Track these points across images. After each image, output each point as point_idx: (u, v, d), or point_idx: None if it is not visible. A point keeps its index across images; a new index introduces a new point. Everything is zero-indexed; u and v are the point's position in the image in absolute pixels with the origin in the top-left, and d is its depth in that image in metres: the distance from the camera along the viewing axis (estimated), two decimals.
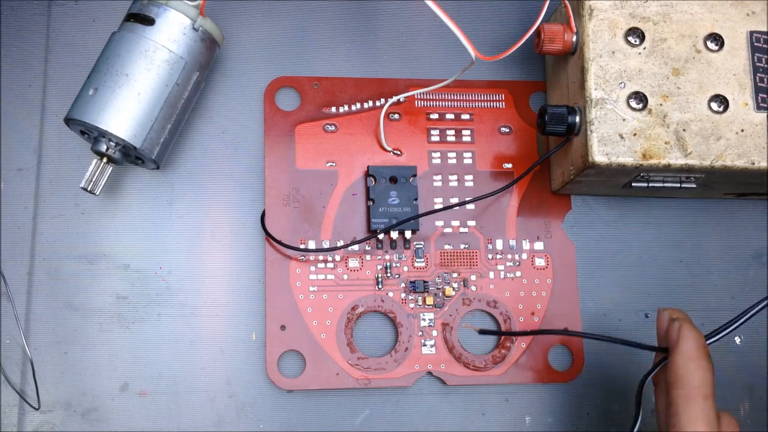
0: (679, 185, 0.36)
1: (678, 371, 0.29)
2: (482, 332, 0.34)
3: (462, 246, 0.39)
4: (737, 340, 0.40)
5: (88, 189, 0.35)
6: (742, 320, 0.30)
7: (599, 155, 0.34)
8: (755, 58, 0.35)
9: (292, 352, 0.37)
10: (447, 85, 0.38)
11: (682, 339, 0.29)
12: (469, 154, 0.40)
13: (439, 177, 0.39)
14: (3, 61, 0.39)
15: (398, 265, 0.38)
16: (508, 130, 0.40)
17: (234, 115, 0.40)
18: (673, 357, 0.29)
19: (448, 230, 0.39)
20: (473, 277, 0.38)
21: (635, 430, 0.31)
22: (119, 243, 0.38)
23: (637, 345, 0.31)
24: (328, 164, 0.39)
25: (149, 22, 0.35)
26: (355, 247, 0.38)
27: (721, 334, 0.31)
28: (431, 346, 0.37)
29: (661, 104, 0.35)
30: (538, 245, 0.39)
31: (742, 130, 0.35)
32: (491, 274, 0.39)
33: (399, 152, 0.39)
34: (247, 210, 0.39)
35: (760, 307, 0.30)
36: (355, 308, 0.37)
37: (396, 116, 0.40)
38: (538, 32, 0.36)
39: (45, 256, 0.37)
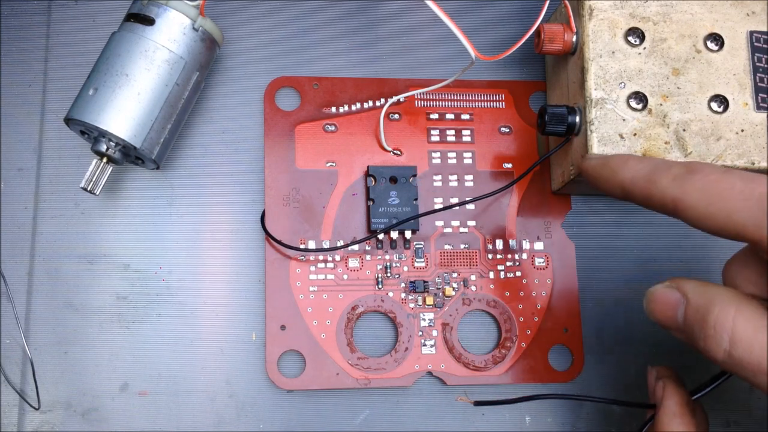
0: None
1: (663, 428, 0.30)
2: (478, 404, 0.35)
3: (462, 246, 0.39)
4: None
5: (88, 189, 0.35)
6: (727, 376, 0.31)
7: None
8: (755, 58, 0.35)
9: (292, 352, 0.37)
10: (447, 85, 0.38)
11: (666, 397, 0.30)
12: (469, 154, 0.40)
13: (439, 177, 0.39)
14: (3, 61, 0.39)
15: (398, 265, 0.38)
16: (508, 130, 0.40)
17: (234, 115, 0.40)
18: (659, 415, 0.31)
19: (448, 230, 0.39)
20: (473, 277, 0.38)
21: None
22: (119, 243, 0.38)
23: (628, 404, 0.33)
24: (328, 164, 0.39)
25: (149, 22, 0.35)
26: (355, 247, 0.38)
27: (705, 390, 0.31)
28: (431, 346, 0.37)
29: (661, 104, 0.35)
30: (538, 245, 0.39)
31: (742, 130, 0.35)
32: (491, 274, 0.39)
33: (399, 152, 0.39)
34: (247, 210, 0.39)
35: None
36: (355, 308, 0.37)
37: (396, 116, 0.40)
38: (538, 32, 0.36)
39: (45, 256, 0.37)
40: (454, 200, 0.39)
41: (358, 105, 0.40)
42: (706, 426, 0.32)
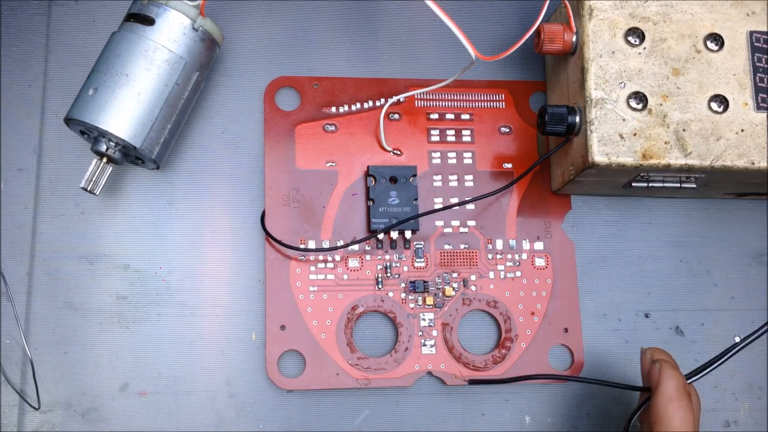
0: (679, 185, 0.36)
1: (659, 412, 0.31)
2: (472, 382, 0.35)
3: (462, 246, 0.39)
4: (737, 339, 0.40)
5: (88, 189, 0.35)
6: (723, 360, 0.32)
7: (599, 155, 0.34)
8: (755, 58, 0.35)
9: (292, 352, 0.37)
10: (447, 85, 0.38)
11: (663, 380, 0.31)
12: (469, 154, 0.40)
13: (439, 177, 0.39)
14: (3, 61, 0.39)
15: (398, 265, 0.38)
16: (508, 130, 0.40)
17: (234, 115, 0.40)
18: (655, 398, 0.31)
19: (448, 230, 0.39)
20: (473, 277, 0.38)
21: None
22: (119, 243, 0.38)
23: (622, 386, 0.34)
24: (328, 164, 0.39)
25: (149, 22, 0.35)
26: (355, 247, 0.38)
27: (701, 374, 0.32)
28: (431, 346, 0.37)
29: (661, 104, 0.35)
30: (538, 245, 0.39)
31: (742, 130, 0.35)
32: (491, 274, 0.39)
33: (399, 152, 0.39)
34: (247, 210, 0.39)
35: (740, 347, 0.32)
36: (355, 308, 0.37)
37: (396, 116, 0.40)
38: (538, 32, 0.36)
39: (45, 256, 0.37)
40: (454, 200, 0.39)
41: (358, 105, 0.40)
42: (698, 409, 0.32)
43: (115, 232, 0.38)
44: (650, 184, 0.36)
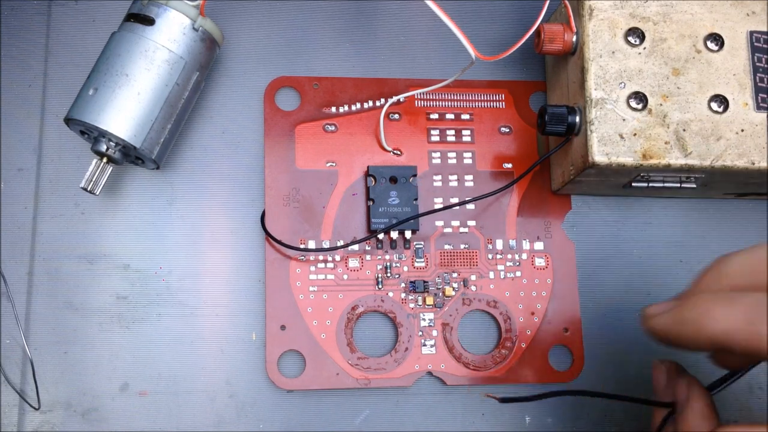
0: (679, 185, 0.36)
1: (690, 430, 0.29)
2: (504, 401, 0.33)
3: (462, 246, 0.39)
4: None
5: (88, 189, 0.35)
6: (743, 372, 0.31)
7: (599, 155, 0.34)
8: (755, 58, 0.35)
9: (292, 352, 0.37)
10: (447, 85, 0.38)
11: (695, 398, 0.29)
12: (469, 154, 0.40)
13: (439, 177, 0.39)
14: (3, 61, 0.39)
15: (398, 265, 0.38)
16: (508, 130, 0.40)
17: (234, 115, 0.40)
18: (686, 416, 0.29)
19: (448, 230, 0.39)
20: (473, 277, 0.38)
21: None
22: (119, 243, 0.38)
23: (641, 401, 0.32)
24: (328, 164, 0.39)
25: (149, 22, 0.35)
26: (355, 247, 0.38)
27: (721, 387, 0.31)
28: (431, 346, 0.37)
29: (661, 104, 0.35)
30: (538, 245, 0.39)
31: (742, 130, 0.35)
32: (491, 274, 0.39)
33: (399, 152, 0.39)
34: (247, 210, 0.39)
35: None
36: (355, 308, 0.37)
37: (396, 116, 0.40)
38: (538, 32, 0.36)
39: (45, 256, 0.37)
40: (454, 200, 0.39)
41: (358, 105, 0.40)
42: None
43: (115, 232, 0.38)
44: (650, 184, 0.36)
